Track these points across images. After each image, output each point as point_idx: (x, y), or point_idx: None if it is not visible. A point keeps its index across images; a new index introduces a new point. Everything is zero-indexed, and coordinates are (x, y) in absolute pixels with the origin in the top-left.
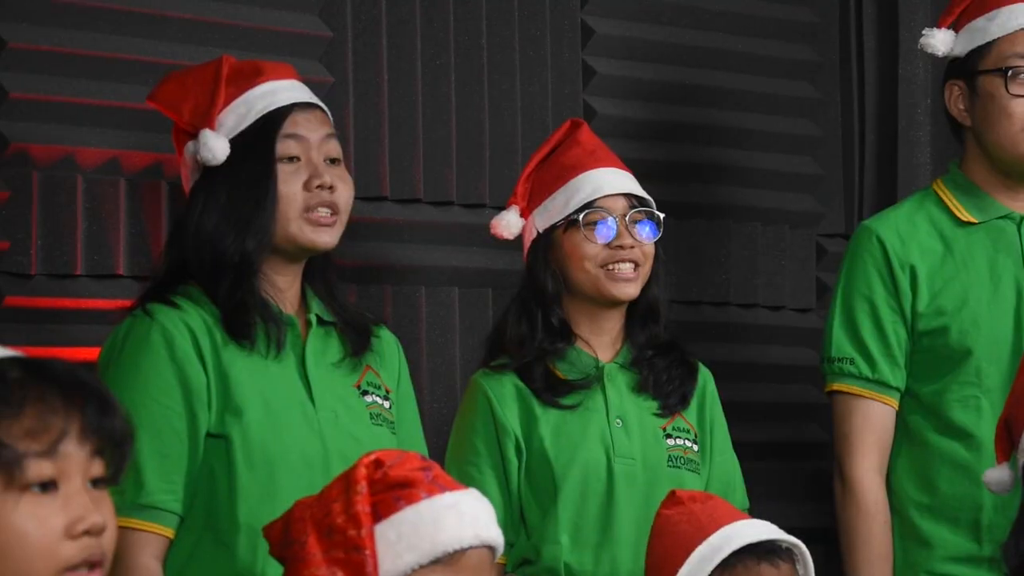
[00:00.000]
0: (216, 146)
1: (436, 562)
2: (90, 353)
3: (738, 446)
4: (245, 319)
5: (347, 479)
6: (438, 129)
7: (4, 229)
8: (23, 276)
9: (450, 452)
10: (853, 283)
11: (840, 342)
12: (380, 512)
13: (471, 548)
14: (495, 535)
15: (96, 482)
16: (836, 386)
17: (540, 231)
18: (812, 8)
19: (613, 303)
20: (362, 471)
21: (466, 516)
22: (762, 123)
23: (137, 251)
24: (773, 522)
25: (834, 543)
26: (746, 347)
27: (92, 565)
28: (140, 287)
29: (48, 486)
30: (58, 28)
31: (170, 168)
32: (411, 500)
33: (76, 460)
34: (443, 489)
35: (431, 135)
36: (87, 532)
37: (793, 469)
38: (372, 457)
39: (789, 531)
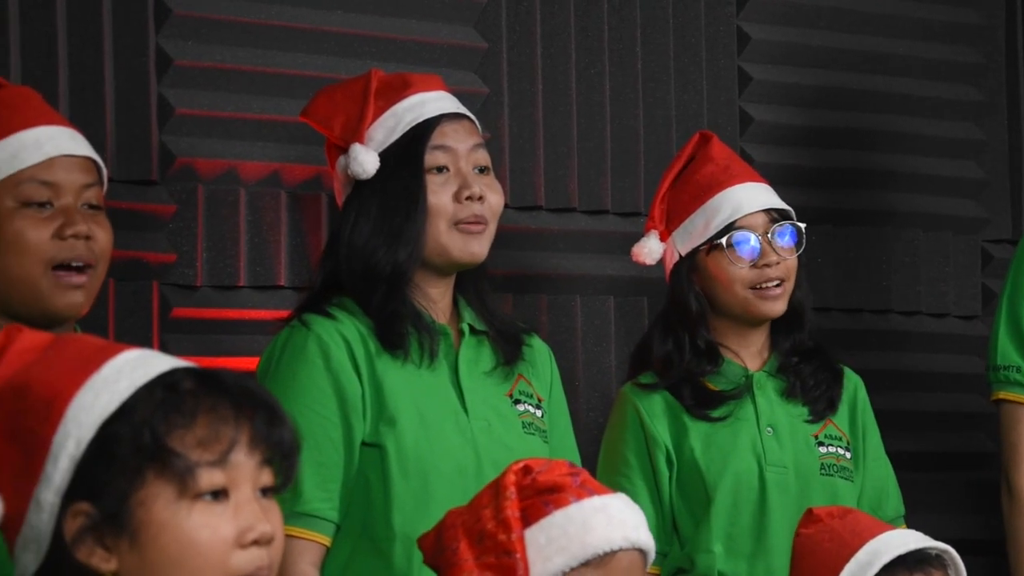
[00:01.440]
0: (366, 160)
1: (586, 565)
2: (253, 363)
3: (901, 456)
4: (398, 329)
5: (496, 486)
6: (592, 138)
7: (171, 242)
8: (189, 288)
9: (601, 465)
10: (1020, 289)
11: (1006, 349)
12: (529, 517)
13: (621, 551)
14: (645, 538)
15: (265, 491)
16: (1002, 395)
17: (682, 254)
18: (976, 9)
19: (762, 321)
20: (511, 477)
21: (615, 519)
22: (924, 127)
23: (297, 262)
24: (936, 534)
25: (1002, 555)
26: (908, 355)
27: (260, 574)
28: (300, 298)
29: (219, 495)
30: (221, 45)
31: (329, 180)
32: (560, 504)
33: (246, 469)
34: (591, 493)
35: (585, 144)
36: (256, 541)
37: (959, 480)
38: (521, 464)
39: (952, 543)
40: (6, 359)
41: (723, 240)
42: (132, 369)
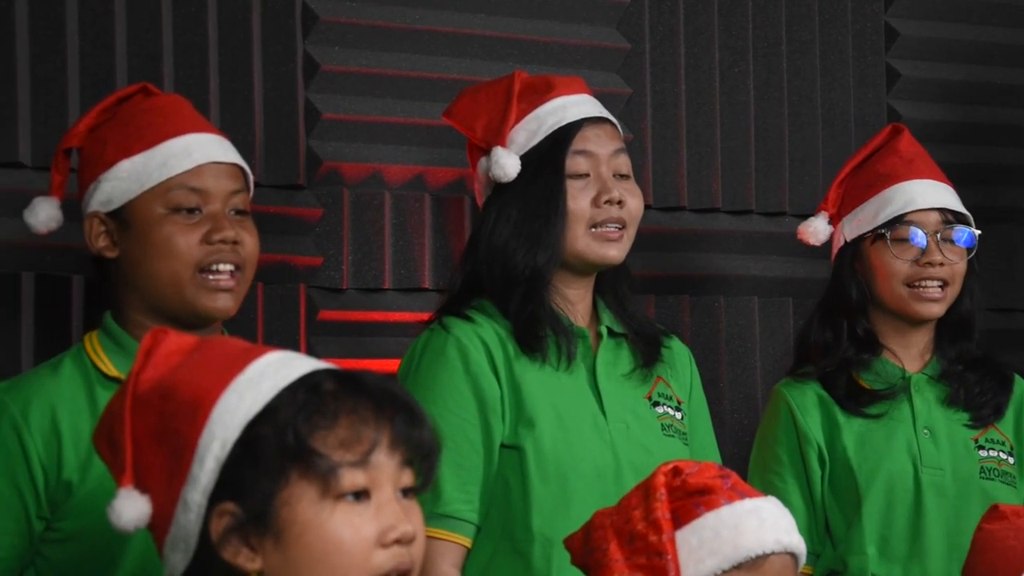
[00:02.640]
0: (507, 163)
1: (738, 568)
2: (398, 365)
3: None
4: (536, 332)
5: (646, 487)
6: (736, 137)
7: (318, 245)
8: (335, 290)
9: (753, 462)
10: None
11: None
12: (680, 518)
13: (773, 554)
14: (797, 542)
15: (405, 492)
16: None
17: (848, 239)
18: None
19: (920, 321)
20: (661, 479)
21: (767, 522)
22: None
23: (441, 265)
24: None
25: None
26: None
27: (402, 573)
28: (440, 300)
29: (361, 495)
30: (366, 50)
31: (472, 182)
32: (711, 506)
33: (387, 470)
34: (743, 496)
35: (729, 144)
36: (398, 541)
37: None
38: (670, 466)
39: None
40: (153, 362)
41: (887, 231)
42: (275, 371)
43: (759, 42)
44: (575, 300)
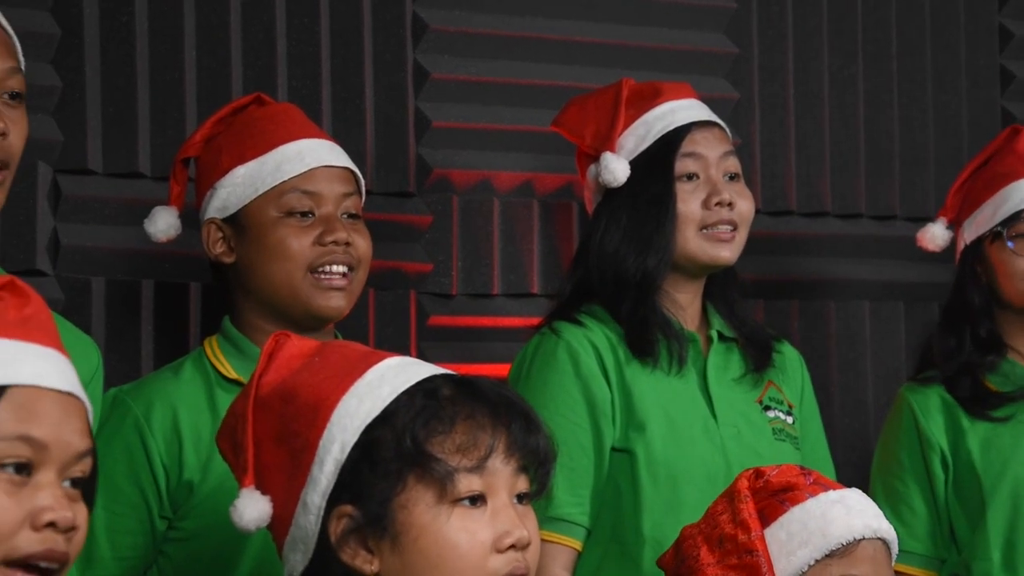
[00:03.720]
0: (617, 168)
1: (830, 556)
2: (508, 370)
3: None
4: (647, 336)
5: (730, 492)
6: (846, 140)
7: (428, 252)
8: (445, 296)
9: (875, 466)
10: None
11: None
12: (767, 516)
13: (864, 539)
14: (887, 527)
15: (521, 497)
16: None
17: (968, 242)
18: None
19: None
20: (744, 482)
21: (854, 509)
22: None
23: (550, 270)
24: None
25: None
26: None
27: None
28: (550, 305)
29: (477, 500)
30: (475, 58)
31: (581, 189)
32: (796, 501)
33: (503, 476)
34: (826, 488)
35: (838, 147)
36: (513, 546)
37: None
38: (751, 470)
39: None
40: (275, 365)
41: (1005, 229)
42: (394, 375)
43: (869, 44)
44: (685, 304)
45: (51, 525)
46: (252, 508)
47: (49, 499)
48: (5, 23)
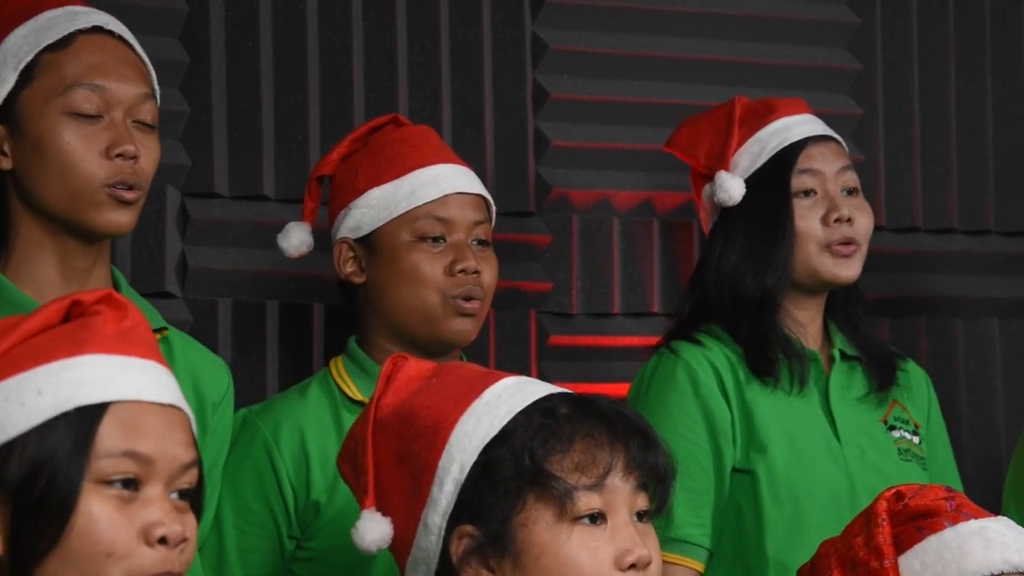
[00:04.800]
0: (732, 186)
1: None
2: (628, 389)
3: None
4: (767, 355)
5: (868, 513)
6: (973, 156)
7: (548, 271)
8: (565, 316)
9: (1008, 487)
10: None
11: None
12: (903, 543)
13: (1001, 574)
14: None
15: (640, 516)
16: None
17: None
18: None
19: None
20: (883, 504)
21: (994, 542)
22: None
23: (670, 289)
24: None
25: None
26: None
27: None
28: (668, 325)
29: (597, 518)
30: (594, 78)
31: (699, 210)
32: (934, 529)
33: (622, 494)
34: (968, 516)
35: (965, 162)
36: (633, 565)
37: None
38: (892, 490)
39: None
40: (393, 387)
41: None
42: (511, 395)
43: (997, 58)
44: (806, 322)
45: (163, 541)
46: (373, 530)
47: (159, 513)
48: (141, 51)
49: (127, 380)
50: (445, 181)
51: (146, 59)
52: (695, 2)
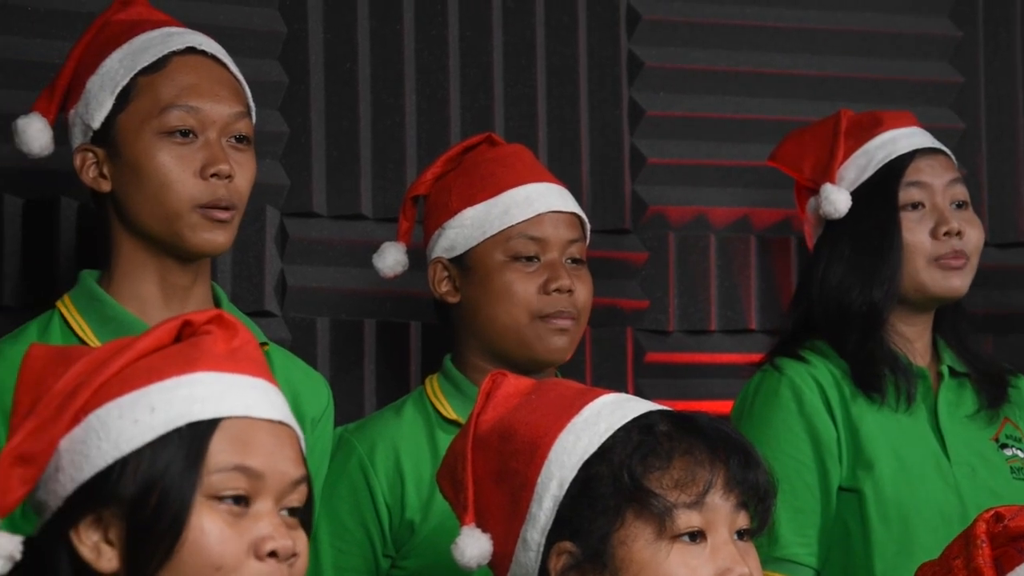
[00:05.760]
0: (838, 199)
1: None
2: (726, 407)
3: None
4: (874, 372)
5: (967, 535)
6: None
7: (644, 288)
8: (662, 333)
9: None
10: None
11: None
12: (1003, 566)
13: None
14: None
15: (741, 534)
16: None
17: None
18: None
19: None
20: (981, 526)
21: None
22: None
23: (768, 306)
24: None
25: None
26: None
27: None
28: (771, 342)
29: (697, 536)
30: (690, 94)
31: (798, 223)
32: None
33: (722, 512)
34: None
35: None
36: None
37: None
38: (991, 512)
39: None
40: (492, 403)
41: None
42: (610, 412)
43: None
44: (913, 338)
45: (273, 555)
46: (473, 546)
47: (268, 528)
48: (235, 69)
49: (237, 397)
50: (539, 200)
51: (240, 77)
52: (792, 17)
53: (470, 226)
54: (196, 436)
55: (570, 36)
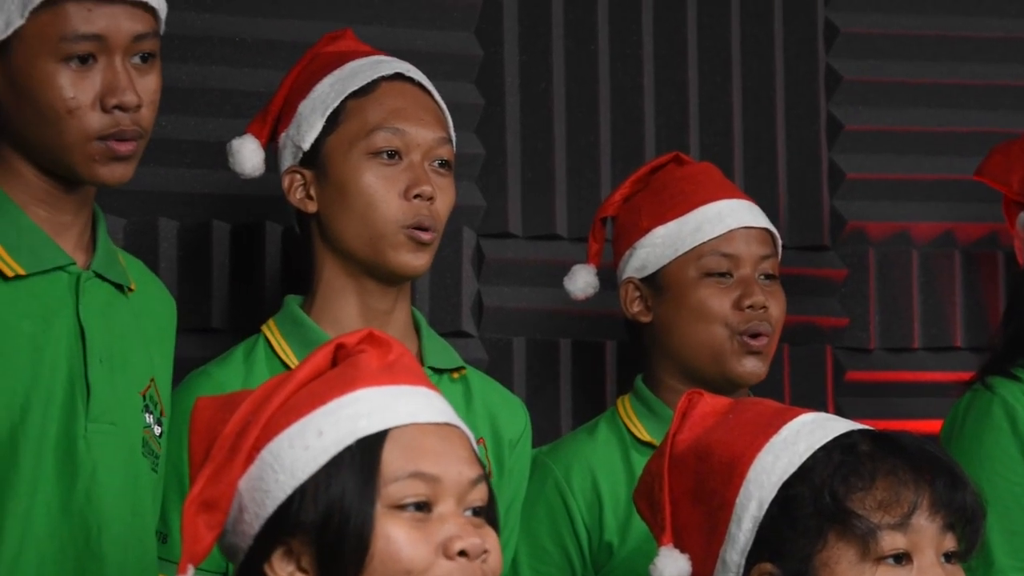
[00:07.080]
0: None
1: None
2: (930, 426)
3: None
4: None
5: None
6: None
7: (844, 305)
8: (863, 351)
9: None
10: None
11: None
12: None
13: None
14: None
15: (948, 557)
16: None
17: None
18: None
19: None
20: None
21: None
22: None
23: (974, 323)
24: None
25: None
26: None
27: None
28: (978, 360)
29: (902, 559)
30: (890, 108)
31: (1006, 238)
32: None
33: (928, 534)
34: None
35: None
36: None
37: None
38: None
39: None
40: (689, 423)
41: None
42: (810, 432)
43: None
44: None
45: (463, 554)
46: (672, 566)
47: (455, 528)
48: (439, 98)
49: (400, 406)
50: (730, 216)
51: (443, 105)
52: (996, 27)
53: (661, 245)
54: (367, 451)
55: (766, 52)
